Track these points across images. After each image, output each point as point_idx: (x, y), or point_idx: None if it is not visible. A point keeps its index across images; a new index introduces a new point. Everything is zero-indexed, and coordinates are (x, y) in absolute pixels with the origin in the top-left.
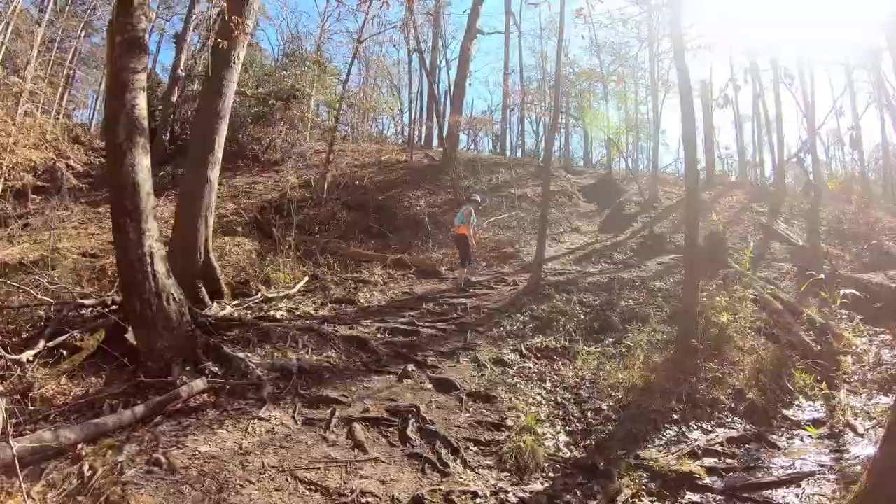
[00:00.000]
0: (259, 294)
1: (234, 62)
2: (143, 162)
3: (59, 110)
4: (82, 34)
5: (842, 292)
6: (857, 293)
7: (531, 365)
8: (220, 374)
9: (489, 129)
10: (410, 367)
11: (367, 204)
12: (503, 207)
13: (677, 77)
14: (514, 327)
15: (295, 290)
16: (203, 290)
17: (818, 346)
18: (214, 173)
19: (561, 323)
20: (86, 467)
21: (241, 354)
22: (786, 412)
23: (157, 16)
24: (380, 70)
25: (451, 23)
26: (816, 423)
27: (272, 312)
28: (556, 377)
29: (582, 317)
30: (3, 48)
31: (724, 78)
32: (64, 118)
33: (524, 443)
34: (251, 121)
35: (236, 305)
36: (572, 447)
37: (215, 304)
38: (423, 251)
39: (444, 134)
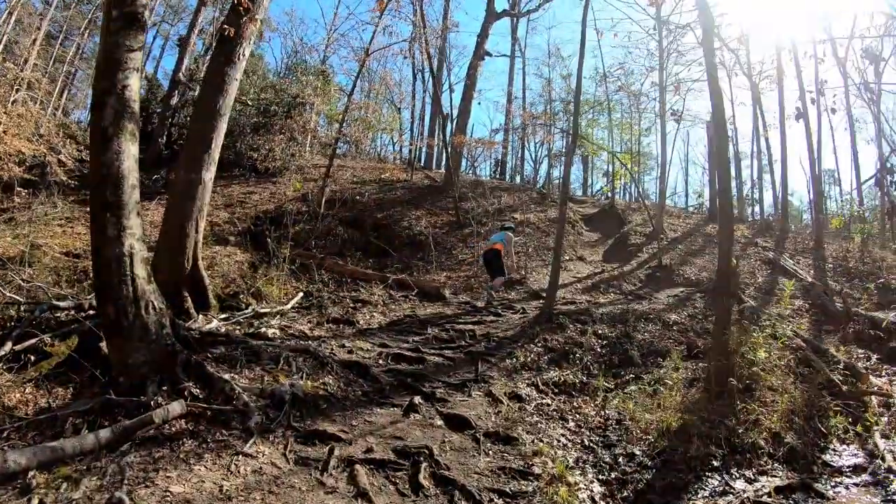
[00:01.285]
0: (250, 308)
1: (239, 59)
2: (129, 149)
3: (57, 106)
4: (86, 32)
5: None
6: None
7: (549, 401)
8: (200, 397)
9: (489, 153)
10: (417, 399)
11: (365, 221)
12: None
13: (710, 98)
14: (529, 358)
15: (289, 306)
16: (188, 300)
17: (845, 387)
18: (210, 174)
19: (577, 355)
20: (35, 502)
21: (226, 376)
22: (824, 457)
23: (163, 20)
24: (383, 87)
25: (456, 45)
26: (857, 468)
27: (263, 329)
28: (578, 416)
29: (599, 350)
30: (5, 37)
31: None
32: (61, 115)
33: (558, 495)
34: (250, 130)
35: (224, 319)
36: (609, 499)
37: (201, 316)
38: (425, 272)
39: (448, 154)
